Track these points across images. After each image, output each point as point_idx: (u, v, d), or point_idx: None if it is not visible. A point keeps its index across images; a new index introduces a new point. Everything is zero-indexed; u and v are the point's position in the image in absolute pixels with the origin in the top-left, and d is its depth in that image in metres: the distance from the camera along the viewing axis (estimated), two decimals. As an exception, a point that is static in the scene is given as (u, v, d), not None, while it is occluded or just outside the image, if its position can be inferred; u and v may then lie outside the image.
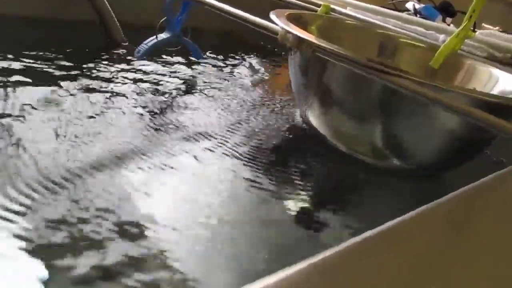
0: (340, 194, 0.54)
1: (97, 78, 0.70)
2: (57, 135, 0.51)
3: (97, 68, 0.73)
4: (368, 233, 0.22)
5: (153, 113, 0.62)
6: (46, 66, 0.69)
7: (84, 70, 0.71)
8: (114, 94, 0.65)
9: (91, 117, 0.57)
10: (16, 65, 0.66)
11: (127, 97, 0.65)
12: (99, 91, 0.65)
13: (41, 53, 0.73)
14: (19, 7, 0.87)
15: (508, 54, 0.73)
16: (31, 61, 0.69)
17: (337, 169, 0.60)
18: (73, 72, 0.69)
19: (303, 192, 0.52)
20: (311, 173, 0.56)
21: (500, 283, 0.22)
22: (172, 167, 0.51)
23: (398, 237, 0.24)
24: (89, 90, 0.65)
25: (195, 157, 0.54)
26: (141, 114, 0.61)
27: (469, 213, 0.28)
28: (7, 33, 0.79)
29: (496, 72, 0.62)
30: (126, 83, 0.70)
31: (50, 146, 0.48)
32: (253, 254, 0.40)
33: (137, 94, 0.67)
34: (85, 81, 0.67)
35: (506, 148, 0.60)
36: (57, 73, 0.68)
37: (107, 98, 0.63)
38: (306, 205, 0.50)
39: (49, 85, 0.63)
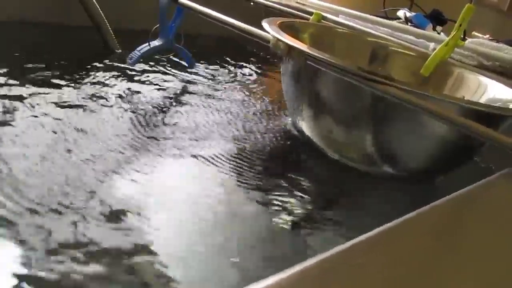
0: (332, 201, 0.54)
1: (89, 84, 0.70)
2: (47, 142, 0.51)
3: (89, 75, 0.73)
4: (359, 239, 0.23)
5: (144, 120, 0.62)
6: (39, 72, 0.69)
7: (77, 77, 0.71)
8: (106, 101, 0.65)
9: (82, 125, 0.57)
10: (10, 69, 0.66)
11: (119, 104, 0.65)
12: (91, 98, 0.65)
13: (35, 58, 0.73)
14: (18, 11, 0.87)
15: (497, 63, 0.74)
16: (24, 65, 0.69)
17: (329, 176, 0.61)
18: (65, 78, 0.69)
19: (295, 200, 0.52)
20: (303, 180, 0.57)
21: (490, 287, 0.22)
22: (163, 175, 0.51)
23: (389, 242, 0.24)
24: (81, 96, 0.65)
25: (186, 165, 0.54)
26: (132, 122, 0.61)
27: (460, 218, 0.29)
28: (2, 37, 0.79)
29: (485, 80, 0.63)
30: (118, 91, 0.70)
31: (39, 153, 0.48)
32: (243, 261, 0.40)
33: (129, 101, 0.68)
34: (77, 88, 0.67)
35: (494, 155, 0.61)
36: (49, 79, 0.68)
37: (99, 105, 0.63)
38: (297, 212, 0.50)
39: (41, 91, 0.63)
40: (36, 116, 0.56)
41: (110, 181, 0.46)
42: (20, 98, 0.59)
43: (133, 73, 0.79)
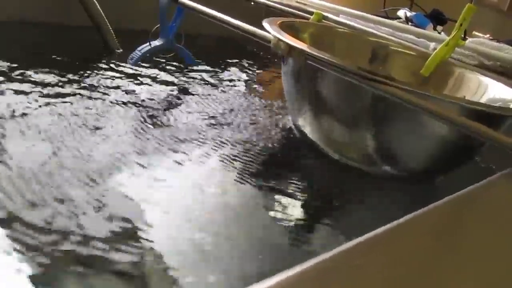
0: (332, 201, 0.54)
1: (90, 85, 0.70)
2: (48, 141, 0.51)
3: (90, 75, 0.73)
4: (359, 239, 0.23)
5: (145, 120, 0.62)
6: (39, 72, 0.69)
7: (77, 77, 0.71)
8: (107, 101, 0.65)
9: (84, 125, 0.57)
10: (10, 68, 0.66)
11: (119, 104, 0.65)
12: (92, 98, 0.65)
13: (35, 58, 0.73)
14: (18, 11, 0.87)
15: (498, 62, 0.74)
16: (23, 65, 0.69)
17: (329, 176, 0.61)
18: (65, 78, 0.69)
19: (295, 200, 0.52)
20: (303, 180, 0.57)
21: (490, 287, 0.22)
22: (162, 174, 0.51)
23: (389, 242, 0.24)
24: (81, 96, 0.65)
25: (185, 164, 0.54)
26: (133, 122, 0.61)
27: (460, 218, 0.29)
28: (2, 37, 0.79)
29: (486, 80, 0.63)
30: (119, 90, 0.70)
31: (40, 150, 0.48)
32: (244, 261, 0.40)
33: (130, 101, 0.68)
34: (77, 88, 0.67)
35: (495, 155, 0.60)
36: (49, 79, 0.68)
37: (99, 105, 0.63)
38: (297, 212, 0.50)
39: (41, 91, 0.63)
40: (36, 116, 0.56)
41: (110, 178, 0.47)
42: (21, 98, 0.59)
43: (134, 73, 0.79)
